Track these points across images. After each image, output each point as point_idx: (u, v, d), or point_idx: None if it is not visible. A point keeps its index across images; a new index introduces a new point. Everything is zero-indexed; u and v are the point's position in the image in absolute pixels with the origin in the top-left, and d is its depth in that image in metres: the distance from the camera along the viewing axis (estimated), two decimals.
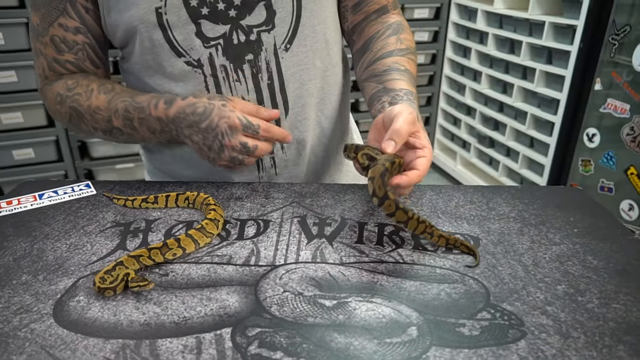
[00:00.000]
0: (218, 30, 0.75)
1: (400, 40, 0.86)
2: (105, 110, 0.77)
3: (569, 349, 0.47)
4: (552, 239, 0.66)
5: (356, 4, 0.87)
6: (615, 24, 2.00)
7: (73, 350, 0.46)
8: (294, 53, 0.79)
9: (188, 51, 0.75)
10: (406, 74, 0.81)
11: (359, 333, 0.49)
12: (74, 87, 0.79)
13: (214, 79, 0.77)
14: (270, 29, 0.77)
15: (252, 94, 0.79)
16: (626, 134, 1.99)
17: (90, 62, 0.81)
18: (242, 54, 0.77)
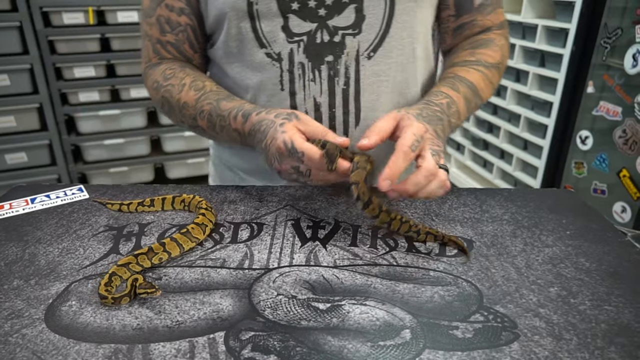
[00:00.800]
0: (304, 27, 0.75)
1: (473, 53, 0.83)
2: (192, 108, 0.78)
3: (562, 351, 0.47)
4: (545, 241, 0.67)
5: (458, 26, 0.84)
6: (607, 27, 2.02)
7: (65, 355, 0.46)
8: (376, 62, 0.77)
9: (271, 43, 0.76)
10: (448, 81, 0.79)
11: (353, 336, 0.49)
12: (170, 77, 0.81)
13: (289, 75, 0.77)
14: (357, 34, 0.75)
15: (325, 97, 0.78)
16: (618, 137, 2.00)
17: (189, 45, 0.84)
18: (323, 54, 0.76)
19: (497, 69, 0.84)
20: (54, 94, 2.42)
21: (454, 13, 0.84)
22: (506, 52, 0.86)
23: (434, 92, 0.77)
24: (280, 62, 0.77)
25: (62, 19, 2.34)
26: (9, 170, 2.46)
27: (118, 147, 2.64)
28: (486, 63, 0.82)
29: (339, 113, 0.79)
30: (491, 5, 0.85)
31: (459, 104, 0.77)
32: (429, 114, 0.71)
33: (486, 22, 0.85)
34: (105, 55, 2.48)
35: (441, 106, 0.74)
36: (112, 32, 2.44)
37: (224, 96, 0.77)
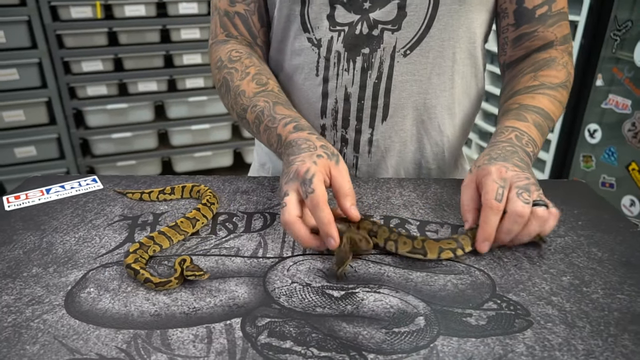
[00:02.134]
0: (348, 18, 0.76)
1: (536, 77, 0.78)
2: (247, 99, 0.77)
3: (575, 338, 0.48)
4: (557, 232, 0.67)
5: (517, 37, 0.81)
6: (616, 20, 2.00)
7: (85, 340, 0.47)
8: (411, 61, 0.77)
9: (314, 29, 0.78)
10: (513, 112, 0.74)
11: (367, 323, 0.50)
12: (235, 61, 0.81)
13: (325, 62, 0.79)
14: (395, 30, 0.75)
15: (356, 88, 0.79)
16: (627, 130, 1.99)
17: (257, 17, 0.85)
18: (359, 46, 0.77)
19: (564, 88, 0.78)
20: (63, 88, 2.44)
21: (513, 22, 0.80)
22: (571, 68, 0.81)
23: (498, 131, 0.73)
24: (319, 48, 0.78)
25: (70, 13, 2.35)
26: (19, 163, 2.48)
27: (126, 140, 2.65)
28: (551, 85, 0.77)
29: (367, 105, 0.80)
30: (554, 17, 0.79)
31: (530, 132, 0.71)
32: (498, 153, 0.67)
33: (548, 34, 0.80)
34: (113, 49, 2.49)
35: (509, 141, 0.69)
36: (119, 26, 2.45)
37: (282, 101, 0.76)
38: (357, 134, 0.82)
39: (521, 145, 0.69)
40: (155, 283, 0.55)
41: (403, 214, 0.71)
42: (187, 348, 0.46)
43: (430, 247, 0.60)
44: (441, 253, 0.60)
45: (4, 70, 2.30)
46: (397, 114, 0.80)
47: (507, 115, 0.75)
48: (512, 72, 0.84)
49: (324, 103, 0.81)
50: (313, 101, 0.81)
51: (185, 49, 2.59)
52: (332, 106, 0.81)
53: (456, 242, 0.60)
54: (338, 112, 0.81)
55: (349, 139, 0.83)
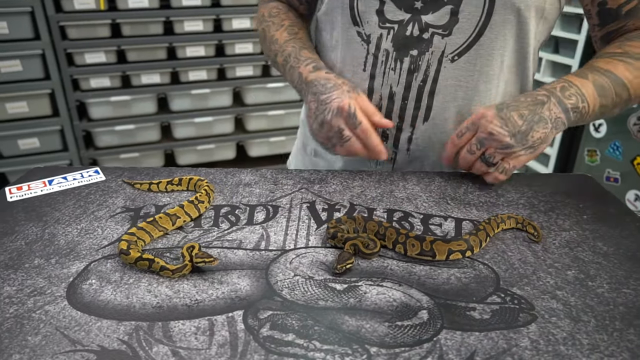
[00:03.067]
0: (398, 16, 0.76)
1: (621, 45, 0.75)
2: (278, 45, 0.87)
3: (580, 332, 0.47)
4: (562, 226, 0.66)
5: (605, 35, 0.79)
6: None
7: (87, 331, 0.47)
8: (458, 67, 0.77)
9: (363, 23, 0.78)
10: (578, 71, 0.74)
11: (370, 316, 0.49)
12: (274, 16, 0.91)
13: (373, 59, 0.79)
14: (446, 35, 0.75)
15: (401, 88, 0.79)
16: (633, 124, 1.98)
17: None
18: (408, 47, 0.77)
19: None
20: (66, 80, 2.43)
21: (597, 22, 0.79)
22: None
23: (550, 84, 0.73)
24: (368, 43, 0.79)
25: (73, 4, 2.34)
26: (22, 155, 2.48)
27: (129, 133, 2.65)
28: (635, 54, 0.73)
29: (410, 106, 0.80)
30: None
31: (583, 88, 0.70)
32: (520, 99, 0.70)
33: (638, 23, 0.76)
34: (116, 40, 2.48)
35: (549, 90, 0.70)
36: (122, 17, 2.44)
37: (308, 47, 0.85)
38: (397, 131, 0.83)
39: (561, 96, 0.69)
40: (172, 270, 0.55)
41: (407, 207, 0.71)
42: (189, 340, 0.46)
43: (439, 249, 0.59)
44: (450, 255, 0.59)
45: (7, 61, 2.30)
46: (439, 117, 0.80)
47: (579, 73, 0.74)
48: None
49: (369, 98, 0.80)
50: None
51: (188, 41, 2.58)
52: (376, 102, 0.81)
53: (466, 244, 0.60)
54: (382, 109, 0.81)
55: (389, 135, 0.84)
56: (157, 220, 0.63)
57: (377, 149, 0.73)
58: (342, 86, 0.75)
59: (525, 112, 0.69)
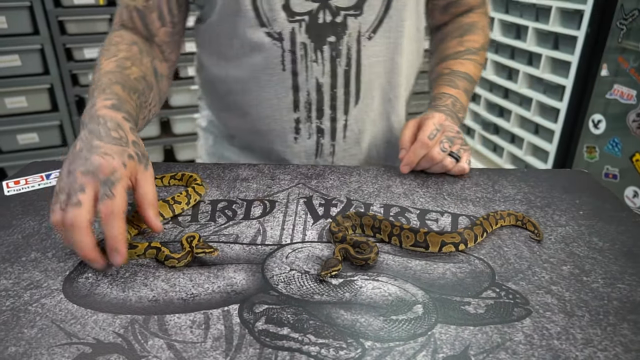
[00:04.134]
0: (305, 7, 0.74)
1: (462, 42, 0.90)
2: (97, 72, 0.70)
3: (574, 327, 0.47)
4: (558, 221, 0.66)
5: (447, 4, 0.89)
6: (623, 9, 1.98)
7: (83, 324, 0.47)
8: (376, 43, 0.78)
9: (271, 22, 0.75)
10: (445, 78, 0.86)
11: (365, 310, 0.49)
12: (113, 44, 0.75)
13: (291, 55, 0.77)
14: (358, 14, 0.76)
15: (327, 78, 0.79)
16: (632, 121, 1.98)
17: (157, 15, 0.78)
18: (325, 35, 0.76)
19: (483, 49, 0.92)
20: (65, 75, 2.43)
21: None
22: (488, 31, 0.94)
23: (437, 95, 0.84)
24: (281, 41, 0.76)
25: None
26: (21, 150, 2.48)
27: None
28: (473, 49, 0.89)
29: (340, 93, 0.80)
30: None
31: (460, 99, 0.84)
32: (443, 110, 0.79)
33: (470, 0, 0.91)
34: None
35: (447, 107, 0.82)
36: None
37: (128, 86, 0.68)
38: (332, 122, 0.82)
39: (455, 111, 0.83)
40: (177, 258, 0.55)
41: (403, 202, 0.71)
42: (185, 333, 0.46)
43: (432, 241, 0.59)
44: (443, 247, 0.60)
45: (5, 56, 2.29)
46: (367, 96, 0.82)
47: (441, 80, 0.87)
48: (439, 35, 0.95)
49: (295, 97, 0.80)
50: (283, 96, 0.80)
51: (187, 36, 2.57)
52: (304, 99, 0.80)
53: (460, 237, 0.60)
54: (312, 104, 0.80)
55: (325, 129, 0.83)
56: (130, 219, 0.61)
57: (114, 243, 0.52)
58: (129, 146, 0.57)
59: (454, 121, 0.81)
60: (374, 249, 0.57)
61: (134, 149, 0.58)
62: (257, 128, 0.84)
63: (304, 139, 0.83)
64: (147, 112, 0.75)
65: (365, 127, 0.84)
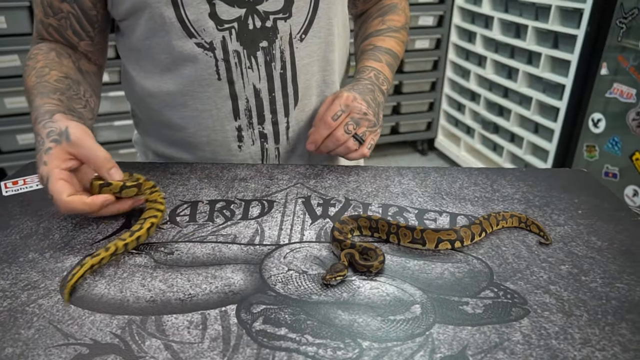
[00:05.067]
0: (233, 14, 0.73)
1: (383, 21, 0.93)
2: (27, 94, 0.73)
3: (572, 327, 0.47)
4: (557, 220, 0.66)
5: None
6: (623, 8, 1.98)
7: (80, 325, 0.47)
8: (307, 44, 0.79)
9: (200, 32, 0.73)
10: (369, 53, 0.89)
11: (363, 310, 0.49)
12: (32, 58, 0.77)
13: (225, 64, 0.76)
14: (287, 17, 0.76)
15: (264, 82, 0.78)
16: (632, 119, 1.97)
17: (72, 32, 0.79)
18: (257, 41, 0.76)
19: (404, 29, 0.95)
20: None
21: None
22: (408, 11, 0.98)
23: (360, 68, 0.87)
24: (213, 51, 0.75)
25: None
26: (21, 150, 2.48)
27: (128, 128, 2.65)
28: (395, 27, 0.93)
29: (279, 96, 0.80)
30: None
31: (384, 71, 0.87)
32: (359, 88, 0.81)
33: None
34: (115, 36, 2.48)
35: (370, 79, 0.84)
36: None
37: (47, 91, 0.70)
38: (274, 125, 0.82)
39: (378, 83, 0.85)
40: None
41: (402, 202, 0.71)
42: (182, 334, 0.46)
43: (428, 237, 0.60)
44: (439, 244, 0.60)
45: (5, 56, 2.29)
46: (305, 97, 0.83)
47: (364, 55, 0.90)
48: (362, 17, 0.98)
49: (234, 105, 0.79)
50: (221, 105, 0.79)
51: None
52: (244, 106, 0.79)
53: (456, 234, 0.60)
54: (252, 111, 0.80)
55: (268, 133, 0.83)
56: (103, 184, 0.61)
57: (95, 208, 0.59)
58: (45, 143, 0.61)
59: (368, 97, 0.81)
60: (379, 257, 0.56)
61: (49, 139, 0.61)
62: (198, 141, 0.82)
63: (247, 146, 0.83)
64: (84, 102, 0.76)
65: (306, 126, 0.85)
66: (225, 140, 0.82)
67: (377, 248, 0.57)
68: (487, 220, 0.63)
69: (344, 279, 0.54)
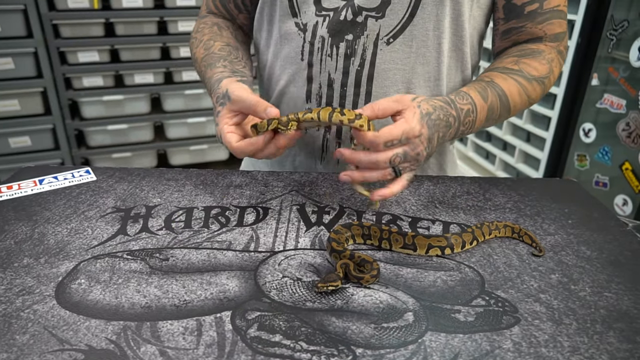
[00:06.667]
0: (334, 3, 0.77)
1: (518, 62, 0.79)
2: (198, 65, 0.86)
3: (561, 335, 0.48)
4: (547, 230, 0.67)
5: (506, 30, 0.83)
6: (613, 20, 2.01)
7: (75, 331, 0.47)
8: (394, 49, 0.77)
9: (301, 14, 0.78)
10: (481, 83, 0.76)
11: (357, 317, 0.50)
12: (199, 31, 0.90)
13: (310, 46, 0.79)
14: (379, 17, 0.76)
15: (339, 74, 0.79)
16: (622, 130, 2.00)
17: (234, 5, 0.91)
18: (343, 32, 0.77)
19: (540, 83, 0.79)
20: (58, 79, 2.42)
21: (502, 16, 0.82)
22: (556, 67, 0.81)
23: (461, 92, 0.73)
24: (304, 32, 0.79)
25: (66, 2, 2.34)
26: (13, 153, 2.47)
27: (121, 132, 2.64)
28: (528, 75, 0.78)
29: (350, 92, 0.79)
30: (546, 14, 0.79)
31: (479, 114, 0.73)
32: (439, 116, 0.68)
33: (536, 30, 0.80)
34: (110, 40, 2.48)
35: (459, 112, 0.71)
36: (116, 16, 2.44)
37: (215, 60, 0.82)
38: None
39: (461, 122, 0.72)
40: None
41: (395, 210, 0.72)
42: (177, 340, 0.46)
43: (419, 243, 0.61)
44: (430, 250, 0.61)
45: None
46: None
47: (476, 83, 0.77)
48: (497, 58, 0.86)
49: (308, 87, 0.81)
50: (300, 85, 0.81)
51: (182, 41, 2.58)
52: (316, 91, 0.81)
53: (446, 241, 0.61)
54: (322, 97, 0.81)
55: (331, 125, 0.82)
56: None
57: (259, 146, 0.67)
58: (216, 107, 0.73)
59: (436, 135, 0.68)
60: (372, 271, 0.56)
61: (218, 105, 0.73)
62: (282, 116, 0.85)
63: (312, 130, 0.84)
64: (244, 63, 0.85)
65: None
66: None
67: (374, 262, 0.57)
68: (479, 229, 0.64)
69: (335, 289, 0.54)
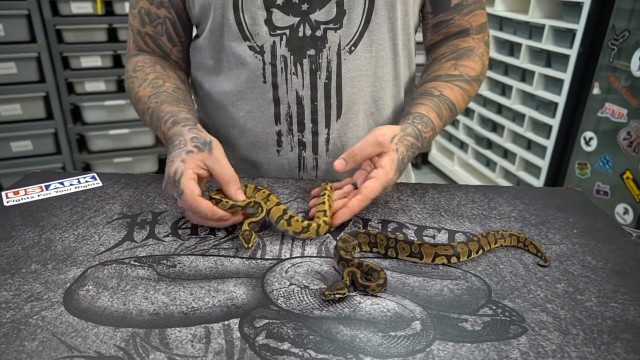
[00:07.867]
0: (287, 21, 0.76)
1: (456, 65, 0.84)
2: (143, 103, 0.79)
3: (569, 345, 0.48)
4: (552, 239, 0.68)
5: (436, 23, 0.86)
6: (614, 29, 2.02)
7: (84, 337, 0.47)
8: (357, 56, 0.79)
9: (254, 36, 0.77)
10: (434, 100, 0.80)
11: (364, 326, 0.50)
12: (138, 70, 0.83)
13: (272, 68, 0.78)
14: (338, 28, 0.77)
15: (307, 90, 0.79)
16: (623, 139, 2.01)
17: (167, 38, 0.85)
18: (305, 48, 0.77)
19: (477, 81, 0.86)
20: (61, 83, 2.43)
21: (430, 10, 0.86)
22: (486, 60, 0.87)
23: (424, 118, 0.77)
24: (262, 54, 0.78)
25: (70, 8, 2.35)
26: (15, 158, 2.47)
27: (123, 137, 2.65)
28: (468, 77, 0.84)
29: (321, 106, 0.81)
30: (470, 6, 0.84)
31: (436, 132, 0.79)
32: (409, 155, 0.74)
33: (463, 22, 0.85)
34: (112, 45, 2.49)
35: (423, 141, 0.76)
36: (119, 22, 2.45)
37: (171, 100, 0.77)
38: (314, 135, 0.83)
39: (423, 144, 0.77)
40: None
41: (401, 218, 0.72)
42: (185, 347, 0.46)
43: (426, 252, 0.61)
44: (436, 258, 0.61)
45: (2, 63, 2.29)
46: (350, 110, 0.82)
47: (428, 100, 0.80)
48: (434, 54, 0.90)
49: (276, 110, 0.81)
50: (265, 109, 0.81)
51: None
52: (285, 112, 0.81)
53: (453, 250, 0.61)
54: (292, 117, 0.81)
55: (307, 142, 0.83)
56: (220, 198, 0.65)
57: (211, 223, 0.65)
58: (187, 145, 0.67)
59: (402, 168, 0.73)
60: (378, 280, 0.56)
61: (192, 143, 0.67)
62: (241, 142, 0.86)
63: (286, 152, 0.84)
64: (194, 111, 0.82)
65: (349, 142, 0.84)
66: (265, 143, 0.84)
67: (381, 270, 0.57)
68: (485, 238, 0.64)
69: (342, 297, 0.54)
